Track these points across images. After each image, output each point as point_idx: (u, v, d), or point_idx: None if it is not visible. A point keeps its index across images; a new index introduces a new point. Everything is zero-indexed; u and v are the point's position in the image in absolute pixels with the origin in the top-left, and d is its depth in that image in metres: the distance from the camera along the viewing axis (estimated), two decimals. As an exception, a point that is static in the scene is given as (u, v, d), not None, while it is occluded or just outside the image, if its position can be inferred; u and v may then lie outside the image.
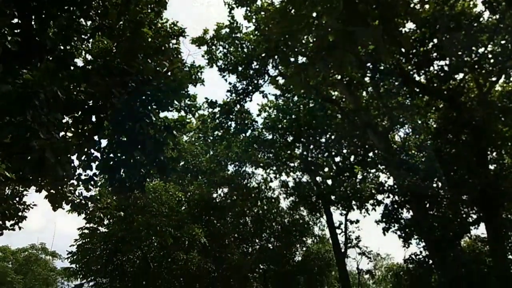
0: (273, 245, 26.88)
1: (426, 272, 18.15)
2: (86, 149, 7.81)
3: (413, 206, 17.08)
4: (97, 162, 8.09)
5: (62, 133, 7.43)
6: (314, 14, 5.91)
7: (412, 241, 17.90)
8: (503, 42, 15.78)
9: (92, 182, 8.89)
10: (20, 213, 11.36)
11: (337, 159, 25.29)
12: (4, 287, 39.44)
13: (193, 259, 21.26)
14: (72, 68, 7.65)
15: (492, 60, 16.00)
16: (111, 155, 8.11)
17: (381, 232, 18.28)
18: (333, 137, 24.62)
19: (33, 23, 7.28)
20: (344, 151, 24.89)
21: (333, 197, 24.38)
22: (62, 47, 7.80)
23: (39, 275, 41.79)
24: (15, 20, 7.17)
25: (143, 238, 20.20)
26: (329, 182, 25.34)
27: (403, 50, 16.02)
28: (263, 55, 18.88)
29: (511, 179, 15.13)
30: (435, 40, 16.03)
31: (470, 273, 14.55)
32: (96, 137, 7.92)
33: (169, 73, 8.44)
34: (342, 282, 24.39)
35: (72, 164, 7.47)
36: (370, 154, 23.43)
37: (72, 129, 7.84)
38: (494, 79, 16.44)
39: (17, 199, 11.51)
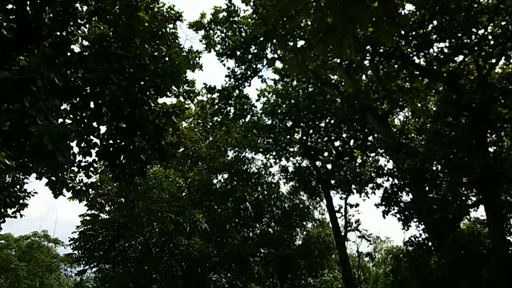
0: (273, 229, 27.09)
1: (425, 254, 18.29)
2: (85, 136, 7.80)
3: (412, 189, 17.14)
4: (96, 149, 8.09)
5: (60, 120, 7.41)
6: (313, -4, 5.82)
7: (411, 223, 17.97)
8: (503, 23, 15.63)
9: (92, 169, 8.91)
10: (21, 201, 11.43)
11: (337, 143, 25.32)
12: (8, 273, 39.88)
13: (195, 244, 21.46)
14: (69, 54, 7.60)
15: (492, 42, 15.87)
16: (111, 141, 8.11)
17: (380, 215, 18.41)
18: (332, 121, 24.58)
19: (28, 8, 7.19)
20: (344, 135, 24.90)
21: (333, 182, 24.47)
22: (58, 33, 7.73)
23: (42, 261, 42.19)
24: (10, 6, 7.08)
25: (145, 224, 20.36)
26: (329, 166, 25.42)
27: (402, 32, 15.88)
28: (261, 39, 18.72)
29: (510, 161, 15.14)
30: (435, 22, 15.87)
31: (469, 255, 14.65)
32: (95, 124, 7.90)
33: (166, 58, 8.38)
34: (343, 265, 24.65)
35: (72, 151, 7.47)
36: (370, 138, 23.45)
37: (71, 116, 7.82)
38: (494, 61, 16.33)
39: (18, 186, 11.56)
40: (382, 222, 64.97)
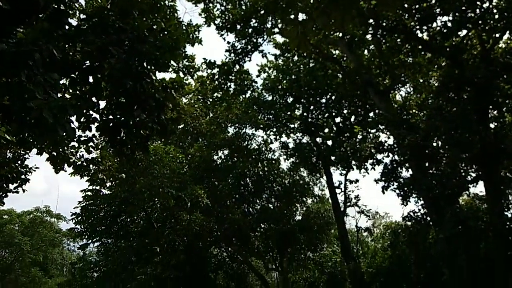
0: (273, 205, 27.31)
1: (423, 229, 18.47)
2: (84, 111, 7.74)
3: (412, 165, 17.16)
4: (96, 124, 8.05)
5: (59, 95, 7.34)
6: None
7: (410, 199, 18.08)
8: (509, -4, 15.28)
9: (92, 144, 8.90)
10: (22, 176, 11.51)
11: (338, 119, 25.24)
12: (12, 248, 40.52)
13: (196, 219, 21.67)
14: (66, 27, 7.45)
15: (496, 16, 15.56)
16: (111, 116, 8.06)
17: (380, 191, 18.54)
18: (333, 97, 24.42)
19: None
20: (345, 111, 24.79)
21: (333, 158, 24.51)
22: (55, 6, 7.56)
23: (45, 236, 42.79)
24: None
25: (146, 200, 20.51)
26: (329, 142, 25.42)
27: (405, 5, 15.57)
28: (262, 12, 18.37)
29: (511, 137, 15.09)
30: (439, -6, 15.54)
31: (467, 230, 14.80)
32: (94, 98, 7.83)
33: (165, 32, 8.23)
34: (341, 240, 24.96)
35: (72, 125, 7.43)
36: (371, 114, 23.35)
37: (70, 91, 7.75)
38: (497, 35, 16.06)
39: (19, 162, 11.62)
40: (381, 198, 65.66)
